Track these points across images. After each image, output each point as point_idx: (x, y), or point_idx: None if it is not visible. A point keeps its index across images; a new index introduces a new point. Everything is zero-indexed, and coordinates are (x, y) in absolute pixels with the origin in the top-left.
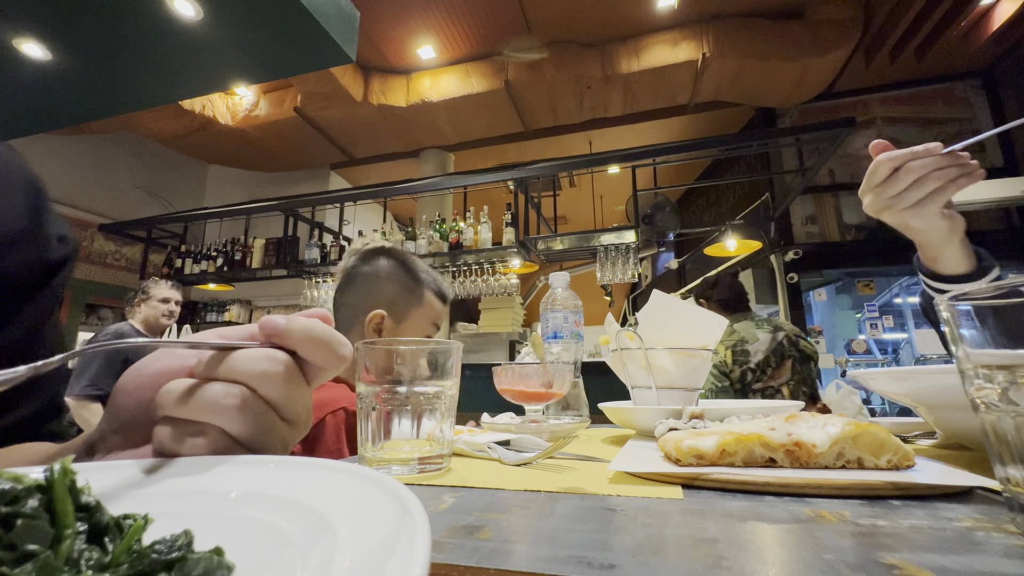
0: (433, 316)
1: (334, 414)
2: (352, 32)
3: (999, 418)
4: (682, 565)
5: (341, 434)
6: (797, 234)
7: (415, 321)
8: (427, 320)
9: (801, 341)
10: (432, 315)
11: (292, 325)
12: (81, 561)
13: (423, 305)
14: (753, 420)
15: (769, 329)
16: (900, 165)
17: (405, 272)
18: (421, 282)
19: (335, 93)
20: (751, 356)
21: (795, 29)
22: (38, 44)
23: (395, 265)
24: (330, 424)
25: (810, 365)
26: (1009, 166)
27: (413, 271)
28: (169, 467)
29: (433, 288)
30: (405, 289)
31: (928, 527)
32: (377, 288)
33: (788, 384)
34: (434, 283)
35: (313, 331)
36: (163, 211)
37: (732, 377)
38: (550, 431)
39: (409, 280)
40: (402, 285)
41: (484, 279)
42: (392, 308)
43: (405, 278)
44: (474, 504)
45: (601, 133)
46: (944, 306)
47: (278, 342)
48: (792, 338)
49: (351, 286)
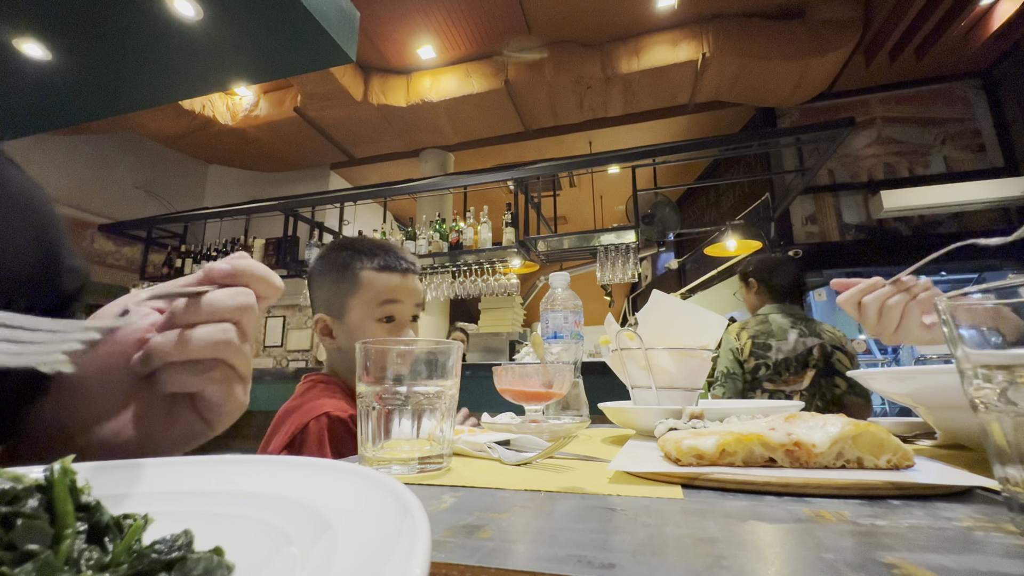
0: (378, 294)
1: (317, 420)
2: (352, 32)
3: (998, 418)
4: (682, 564)
5: (324, 439)
6: (797, 234)
7: (357, 309)
8: (372, 302)
9: (838, 353)
10: (376, 294)
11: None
12: (81, 561)
13: (359, 288)
14: (753, 420)
15: (803, 332)
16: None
17: (336, 262)
18: (350, 266)
19: (335, 93)
20: (771, 352)
21: (795, 29)
22: (38, 44)
23: (333, 256)
24: (313, 430)
25: (837, 381)
26: (1009, 166)
27: (347, 256)
28: (169, 467)
29: (372, 265)
30: (334, 281)
31: (928, 527)
32: (316, 290)
33: (802, 394)
34: (374, 258)
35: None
36: (163, 211)
37: (746, 367)
38: (550, 431)
39: (340, 269)
40: (331, 278)
41: (484, 279)
42: (329, 306)
43: (336, 268)
44: (474, 504)
45: (601, 133)
46: (943, 306)
47: (231, 282)
48: (828, 348)
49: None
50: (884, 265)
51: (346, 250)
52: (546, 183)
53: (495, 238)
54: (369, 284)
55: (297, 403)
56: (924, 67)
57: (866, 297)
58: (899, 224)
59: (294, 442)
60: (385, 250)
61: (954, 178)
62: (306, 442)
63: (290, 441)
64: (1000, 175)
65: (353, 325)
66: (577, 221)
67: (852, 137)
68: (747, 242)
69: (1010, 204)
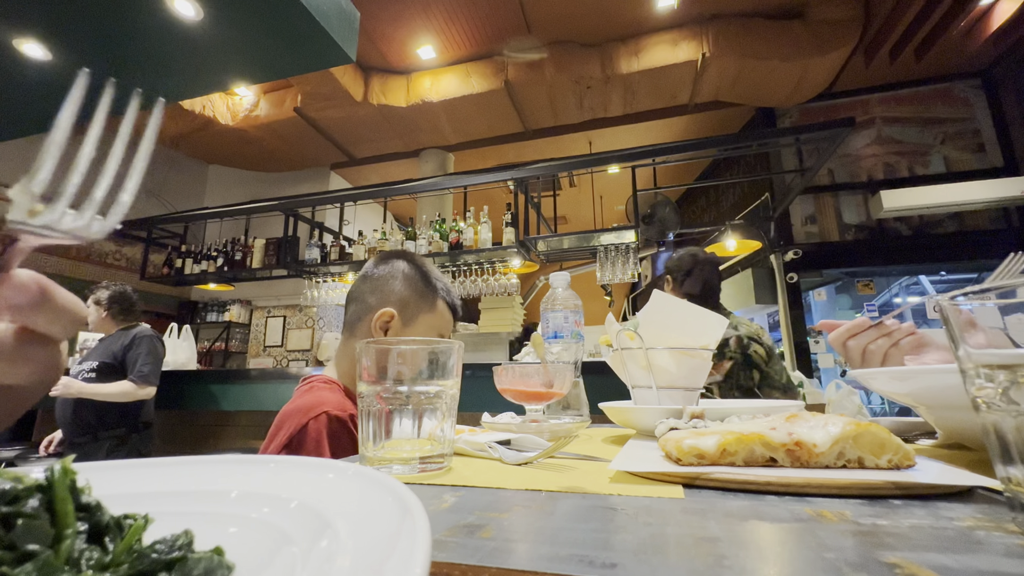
0: (442, 326)
1: (316, 419)
2: (352, 32)
3: (1000, 418)
4: (683, 564)
5: (322, 440)
6: (797, 234)
7: (423, 326)
8: (435, 328)
9: (754, 345)
10: (441, 324)
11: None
12: (81, 561)
13: (434, 312)
14: (754, 420)
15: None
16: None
17: (421, 276)
18: (436, 289)
19: (335, 93)
20: None
21: (795, 29)
22: (38, 44)
23: (413, 268)
24: (312, 429)
25: (752, 372)
26: (1009, 166)
27: (429, 277)
28: (169, 467)
29: (446, 299)
30: (418, 293)
31: (929, 526)
32: (391, 287)
33: (719, 386)
34: (448, 294)
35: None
36: (163, 211)
37: None
38: (550, 431)
39: (423, 285)
40: (416, 288)
41: (484, 279)
42: (403, 308)
43: (420, 282)
44: (475, 503)
45: (601, 133)
46: (944, 306)
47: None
48: (744, 341)
49: (366, 283)
50: (884, 265)
51: (428, 274)
52: (546, 183)
53: (495, 238)
54: (441, 313)
55: (296, 404)
56: (924, 67)
57: (850, 341)
58: (899, 224)
59: (292, 442)
60: (453, 293)
61: (954, 178)
62: (304, 442)
63: (288, 441)
64: (1000, 175)
65: (413, 335)
66: (577, 221)
67: (852, 137)
68: (747, 242)
69: (1010, 204)
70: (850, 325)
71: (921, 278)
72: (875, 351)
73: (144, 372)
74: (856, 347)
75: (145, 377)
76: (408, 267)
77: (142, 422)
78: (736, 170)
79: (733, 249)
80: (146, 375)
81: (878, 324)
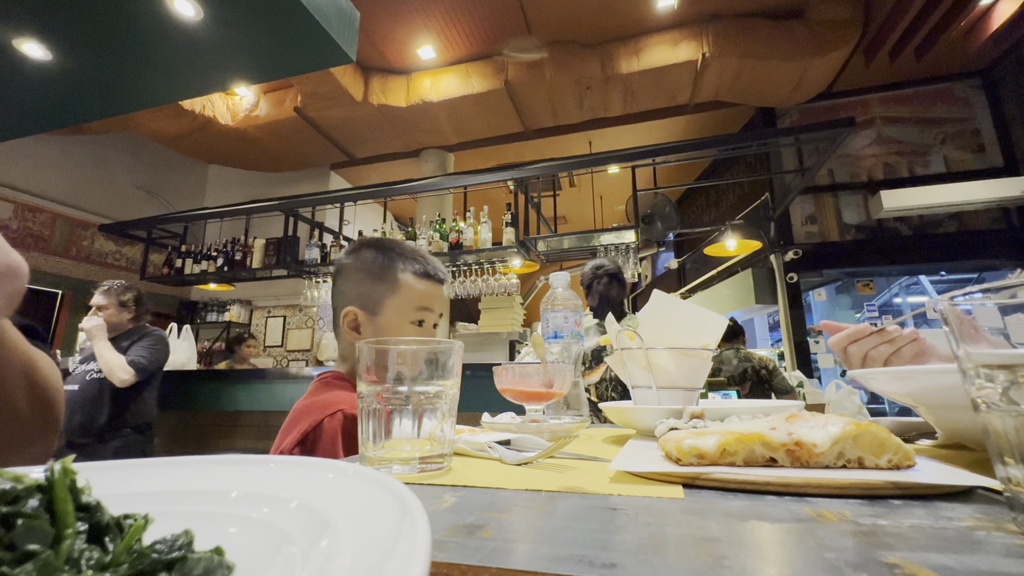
0: (416, 300)
1: (332, 416)
2: (352, 32)
3: (1000, 418)
4: (683, 564)
5: (337, 438)
6: (797, 234)
7: (393, 311)
8: (408, 306)
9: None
10: (414, 299)
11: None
12: (81, 561)
13: (399, 292)
14: (754, 420)
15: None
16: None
17: (376, 261)
18: (393, 268)
19: (335, 93)
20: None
21: (795, 29)
22: (38, 44)
23: (371, 255)
24: (327, 427)
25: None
26: (1009, 166)
27: (388, 257)
28: (169, 467)
29: (413, 270)
30: (375, 278)
31: (929, 526)
32: (348, 285)
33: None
34: (415, 264)
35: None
36: (163, 211)
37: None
38: (550, 431)
39: (380, 269)
40: (372, 275)
41: (484, 279)
42: (364, 301)
43: (376, 267)
44: (475, 503)
45: (601, 133)
46: (944, 306)
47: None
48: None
49: (332, 285)
50: (884, 265)
51: (387, 251)
52: (546, 183)
53: (495, 238)
54: (409, 288)
55: (311, 400)
56: (924, 67)
57: (851, 346)
58: (899, 224)
59: (307, 439)
60: (424, 259)
61: (954, 178)
62: (320, 440)
63: (303, 439)
64: (1000, 175)
65: (386, 324)
66: (577, 221)
67: (852, 137)
68: (747, 242)
69: (1009, 204)
70: (852, 330)
71: (921, 278)
72: (876, 357)
73: (140, 362)
74: (857, 352)
75: (135, 364)
76: (367, 254)
77: (145, 422)
78: (736, 170)
79: (733, 249)
80: (139, 365)
81: (880, 331)
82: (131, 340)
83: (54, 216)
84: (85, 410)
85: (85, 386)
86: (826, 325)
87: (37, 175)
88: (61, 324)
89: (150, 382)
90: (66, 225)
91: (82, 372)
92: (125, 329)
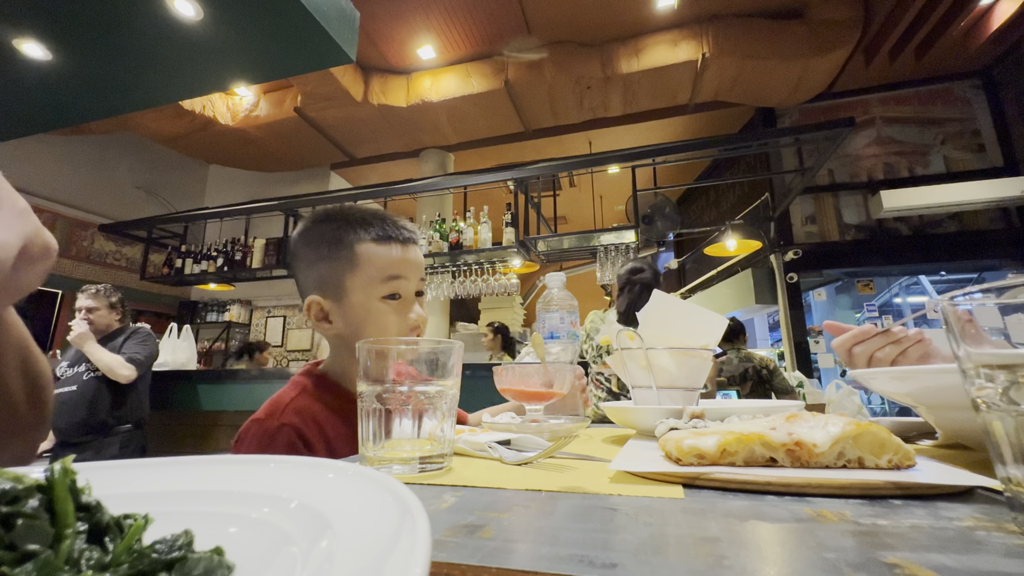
0: (380, 270)
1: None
2: (352, 32)
3: (1000, 418)
4: (684, 564)
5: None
6: (797, 234)
7: (357, 291)
8: (373, 280)
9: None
10: (377, 270)
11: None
12: (81, 561)
13: (357, 266)
14: (754, 420)
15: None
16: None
17: (326, 236)
18: (343, 239)
19: (335, 93)
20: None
21: (795, 29)
22: (38, 44)
23: (320, 229)
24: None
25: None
26: (1009, 166)
27: (338, 229)
28: (169, 467)
29: (369, 236)
30: (329, 257)
31: (929, 526)
32: (300, 272)
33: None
34: (370, 229)
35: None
36: (163, 211)
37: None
38: (550, 431)
39: (332, 244)
40: (321, 255)
41: (484, 279)
42: (323, 287)
43: (327, 243)
44: (475, 503)
45: (601, 133)
46: (944, 306)
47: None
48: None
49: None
50: (884, 265)
51: (335, 221)
52: (546, 183)
53: (495, 238)
54: (368, 259)
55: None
56: (924, 67)
57: (856, 347)
58: (899, 224)
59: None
60: (381, 219)
61: (954, 178)
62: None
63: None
64: (1000, 175)
65: (355, 307)
66: (577, 221)
67: (852, 137)
68: (747, 242)
69: (1009, 204)
70: (856, 331)
71: (921, 278)
72: (882, 359)
73: (137, 358)
74: (862, 353)
75: (134, 360)
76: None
77: (141, 417)
78: (736, 170)
79: (733, 249)
80: (137, 360)
81: (885, 331)
82: (122, 338)
83: (54, 216)
84: (87, 408)
85: (84, 386)
86: (830, 326)
87: (37, 175)
88: (61, 324)
89: (144, 376)
90: (66, 225)
91: (77, 373)
92: (113, 329)
